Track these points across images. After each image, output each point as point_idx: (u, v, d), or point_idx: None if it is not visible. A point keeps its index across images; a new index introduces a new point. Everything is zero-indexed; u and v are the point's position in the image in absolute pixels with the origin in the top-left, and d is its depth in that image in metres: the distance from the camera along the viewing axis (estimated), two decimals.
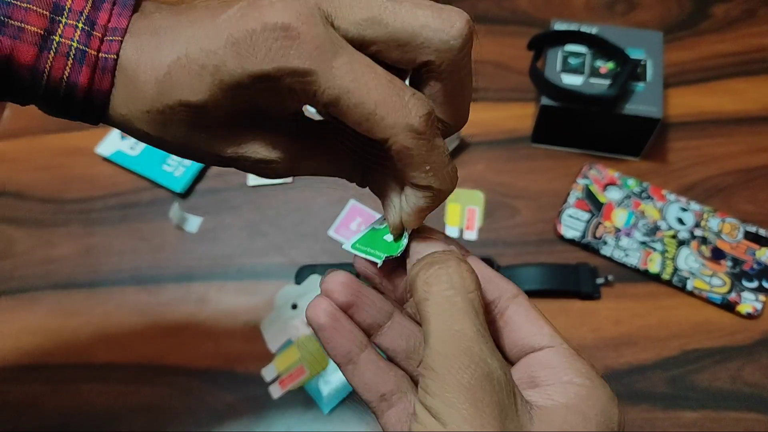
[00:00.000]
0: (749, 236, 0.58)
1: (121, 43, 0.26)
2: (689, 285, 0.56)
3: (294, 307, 0.55)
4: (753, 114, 0.67)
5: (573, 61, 0.62)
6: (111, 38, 0.26)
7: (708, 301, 0.55)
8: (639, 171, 0.63)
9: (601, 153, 0.64)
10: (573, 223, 0.59)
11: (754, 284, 0.56)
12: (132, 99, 0.26)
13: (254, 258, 0.59)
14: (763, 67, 0.70)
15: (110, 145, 0.64)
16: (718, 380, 0.52)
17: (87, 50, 0.26)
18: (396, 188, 0.27)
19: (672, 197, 0.60)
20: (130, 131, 0.27)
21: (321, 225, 0.61)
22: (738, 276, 0.56)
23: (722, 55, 0.71)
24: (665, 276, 0.56)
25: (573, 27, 0.63)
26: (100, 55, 0.26)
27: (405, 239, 0.27)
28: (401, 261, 0.28)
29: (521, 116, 0.66)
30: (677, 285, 0.56)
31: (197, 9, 0.25)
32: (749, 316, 0.55)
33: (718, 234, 0.58)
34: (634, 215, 0.59)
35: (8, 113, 0.69)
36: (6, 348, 0.55)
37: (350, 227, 0.60)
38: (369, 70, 0.23)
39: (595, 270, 0.57)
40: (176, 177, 0.62)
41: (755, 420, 0.51)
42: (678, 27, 0.73)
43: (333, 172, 0.28)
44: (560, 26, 0.64)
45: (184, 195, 0.62)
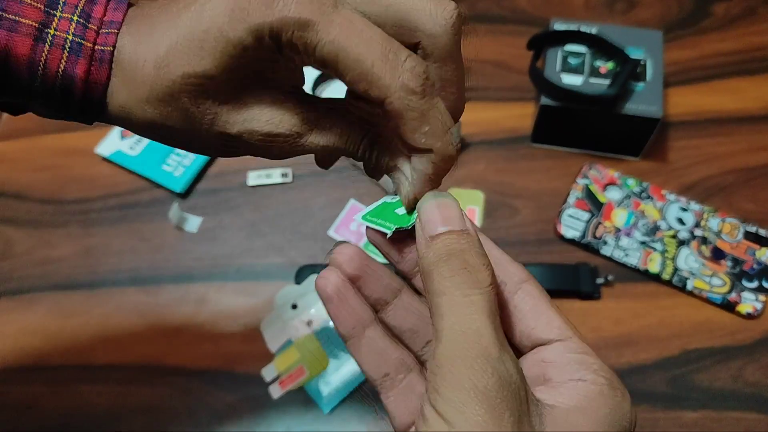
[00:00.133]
0: (749, 236, 0.58)
1: (117, 35, 0.26)
2: (689, 285, 0.56)
3: (294, 307, 0.55)
4: (753, 113, 0.67)
5: (573, 61, 0.62)
6: (107, 31, 0.26)
7: (708, 301, 0.55)
8: (639, 171, 0.63)
9: (601, 153, 0.64)
10: (573, 223, 0.59)
11: (754, 284, 0.56)
12: (132, 86, 0.26)
13: (254, 258, 0.59)
14: (764, 66, 0.70)
15: (110, 145, 0.64)
16: (719, 380, 0.52)
17: (83, 42, 0.26)
18: (404, 161, 0.27)
19: (672, 197, 0.60)
20: (132, 124, 0.27)
21: (320, 225, 0.60)
22: (738, 276, 0.56)
23: (722, 54, 0.70)
24: (665, 276, 0.56)
25: (572, 26, 0.63)
26: (96, 48, 0.26)
27: (417, 213, 0.27)
28: (411, 233, 0.26)
29: (521, 116, 0.66)
30: (677, 285, 0.56)
31: None
32: (749, 316, 0.55)
33: (718, 234, 0.58)
34: (634, 215, 0.59)
35: (7, 113, 0.68)
36: (5, 349, 0.55)
37: (350, 227, 0.60)
38: (367, 28, 0.23)
39: (595, 270, 0.57)
40: (176, 177, 0.62)
41: (756, 420, 0.50)
42: (678, 25, 0.73)
43: (340, 146, 0.28)
44: (560, 26, 0.63)
45: (184, 195, 0.62)
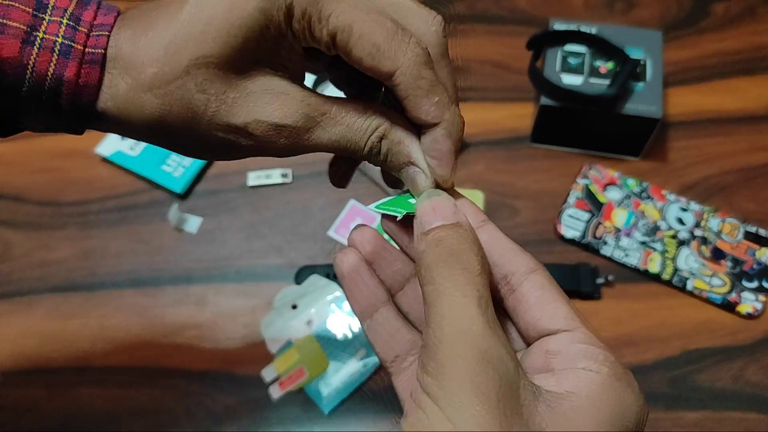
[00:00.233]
0: (749, 236, 0.58)
1: (109, 37, 0.26)
2: (689, 285, 0.56)
3: (294, 308, 0.55)
4: (754, 112, 0.66)
5: (572, 61, 0.62)
6: (98, 33, 0.26)
7: (708, 301, 0.55)
8: (639, 171, 0.62)
9: (601, 153, 0.64)
10: (573, 223, 0.59)
11: (754, 284, 0.56)
12: (134, 75, 0.25)
13: (253, 259, 0.59)
14: (764, 66, 0.70)
15: (110, 146, 0.64)
16: (720, 380, 0.52)
17: (73, 45, 0.25)
18: (416, 149, 0.27)
19: (672, 197, 0.60)
20: (126, 123, 0.26)
21: (320, 226, 0.60)
22: (738, 276, 0.56)
23: (722, 54, 0.70)
24: (665, 276, 0.56)
25: (572, 26, 0.63)
26: (87, 50, 0.25)
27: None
28: None
29: (521, 116, 0.66)
30: (677, 285, 0.56)
31: None
32: (749, 316, 0.54)
33: (718, 234, 0.58)
34: (634, 215, 0.59)
35: None
36: (4, 352, 0.54)
37: (350, 227, 0.60)
38: (374, 11, 0.25)
39: (596, 270, 0.56)
40: (176, 177, 0.62)
41: (757, 420, 0.50)
42: (678, 25, 0.73)
43: (346, 142, 0.27)
44: (559, 26, 0.63)
45: (184, 196, 0.62)
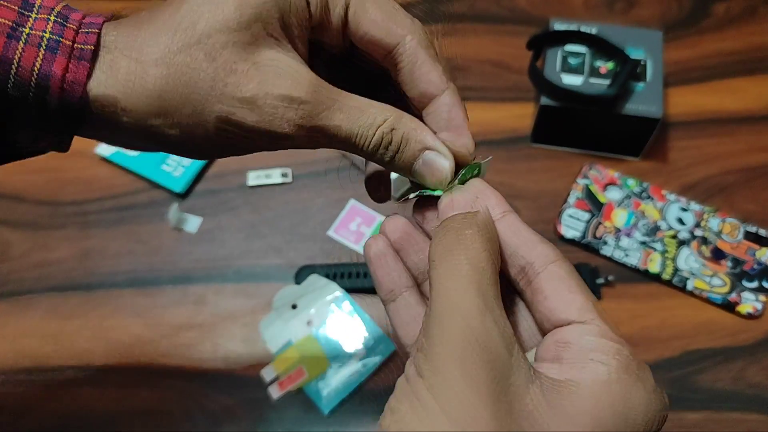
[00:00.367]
0: (749, 236, 0.58)
1: (99, 36, 0.25)
2: (689, 285, 0.55)
3: (294, 308, 0.55)
4: (754, 113, 0.66)
5: (572, 61, 0.62)
6: (87, 30, 0.25)
7: (708, 302, 0.55)
8: (639, 171, 0.62)
9: (601, 153, 0.64)
10: (573, 223, 0.59)
11: (755, 284, 0.55)
12: (136, 58, 0.25)
13: (252, 259, 0.59)
14: (764, 66, 0.69)
15: (110, 146, 0.64)
16: (720, 381, 0.52)
17: (61, 40, 0.24)
18: (428, 135, 0.28)
19: (672, 197, 0.60)
20: (121, 115, 0.25)
21: (320, 226, 0.60)
22: (738, 276, 0.56)
23: (723, 54, 0.70)
24: (665, 276, 0.56)
25: (572, 26, 0.63)
26: (76, 45, 0.24)
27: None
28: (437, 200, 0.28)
29: (521, 116, 0.66)
30: (677, 285, 0.56)
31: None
32: (749, 317, 0.54)
33: (719, 234, 0.58)
34: (635, 215, 0.59)
35: None
36: (3, 351, 0.54)
37: (350, 227, 0.60)
38: None
39: (596, 270, 0.56)
40: (175, 177, 0.62)
41: (757, 420, 0.50)
42: (678, 25, 0.73)
43: (356, 128, 0.26)
44: (560, 26, 0.63)
45: (183, 195, 0.62)
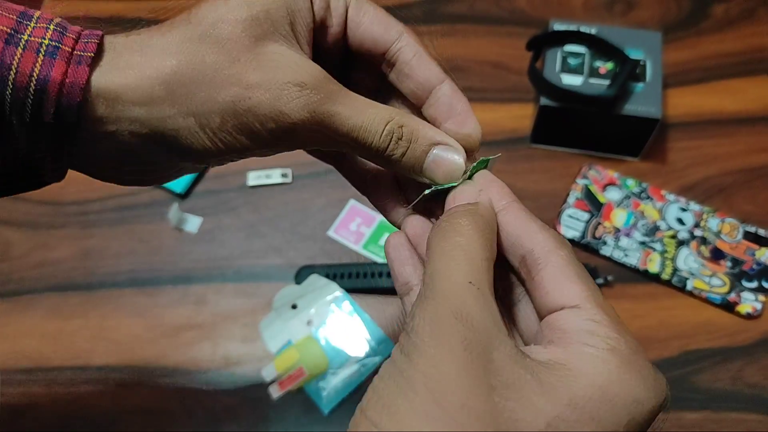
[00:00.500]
0: (749, 236, 0.58)
1: (99, 45, 0.25)
2: (689, 285, 0.56)
3: (294, 307, 0.55)
4: (753, 114, 0.66)
5: (572, 61, 0.62)
6: (87, 40, 0.25)
7: (707, 302, 0.55)
8: (638, 171, 0.62)
9: (601, 153, 0.64)
10: (572, 224, 0.59)
11: (754, 284, 0.56)
12: (145, 52, 0.25)
13: (253, 259, 0.59)
14: (763, 67, 0.70)
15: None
16: (719, 381, 0.52)
17: (60, 46, 0.24)
18: (433, 130, 0.29)
19: (671, 197, 0.60)
20: (121, 127, 0.25)
21: (320, 226, 0.60)
22: (738, 276, 0.56)
23: (722, 55, 0.70)
24: (665, 276, 0.56)
25: (572, 27, 0.63)
26: (75, 52, 0.24)
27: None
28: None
29: (520, 117, 0.66)
30: (677, 285, 0.56)
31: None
32: (749, 317, 0.55)
33: (718, 234, 0.58)
34: (634, 215, 0.59)
35: None
36: (3, 351, 0.54)
37: (350, 227, 0.60)
38: None
39: (595, 270, 0.57)
40: None
41: (756, 421, 0.50)
42: (677, 27, 0.73)
43: (366, 122, 0.27)
44: (559, 26, 0.63)
45: (184, 196, 0.62)
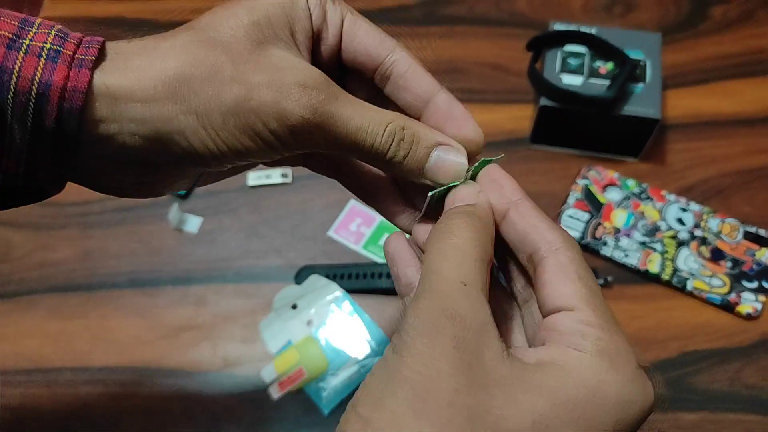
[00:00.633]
0: (749, 237, 0.58)
1: (100, 50, 0.25)
2: (689, 285, 0.56)
3: (294, 308, 0.55)
4: (752, 115, 0.67)
5: (572, 62, 0.62)
6: (88, 45, 0.25)
7: (707, 302, 0.55)
8: (638, 172, 0.63)
9: (600, 154, 0.64)
10: (572, 224, 0.59)
11: (754, 285, 0.56)
12: (142, 59, 0.25)
13: (252, 260, 0.59)
14: (762, 69, 0.70)
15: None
16: (717, 382, 0.52)
17: (62, 50, 0.24)
18: (433, 133, 0.30)
19: (671, 198, 0.60)
20: (118, 126, 0.25)
21: (320, 226, 0.60)
22: (738, 277, 0.56)
23: (721, 57, 0.71)
24: (665, 276, 0.56)
25: (571, 28, 0.63)
26: (77, 56, 0.24)
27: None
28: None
29: (520, 117, 0.66)
30: (677, 285, 0.56)
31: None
32: (749, 317, 0.55)
33: (718, 234, 0.58)
34: (634, 216, 0.59)
35: None
36: (4, 351, 0.54)
37: (350, 228, 0.60)
38: None
39: (595, 271, 0.57)
40: None
41: (754, 421, 0.50)
42: (676, 28, 0.73)
43: (367, 122, 0.27)
44: (559, 27, 0.64)
45: (184, 196, 0.62)
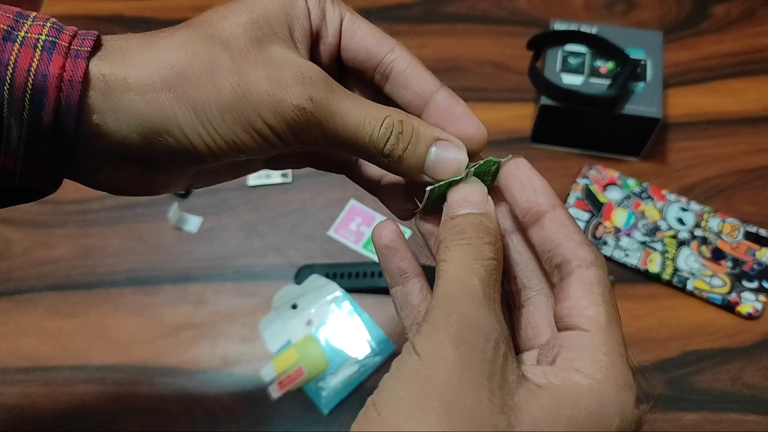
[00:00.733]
0: (749, 236, 0.58)
1: (95, 41, 0.25)
2: (689, 285, 0.56)
3: (294, 307, 0.55)
4: (754, 114, 0.66)
5: (573, 61, 0.62)
6: (83, 37, 0.25)
7: (708, 302, 0.55)
8: (639, 171, 0.62)
9: (601, 153, 0.64)
10: None
11: (755, 284, 0.56)
12: (141, 53, 0.25)
13: (252, 259, 0.59)
14: (764, 68, 0.70)
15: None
16: (718, 382, 0.52)
17: (57, 41, 0.24)
18: (433, 128, 0.29)
19: (672, 197, 0.60)
20: (114, 118, 0.25)
21: (320, 226, 0.60)
22: (738, 276, 0.56)
23: (722, 55, 0.70)
24: (665, 276, 0.56)
25: (572, 27, 0.63)
26: (72, 47, 0.24)
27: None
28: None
29: (521, 116, 0.66)
30: (677, 285, 0.56)
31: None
32: (749, 317, 0.54)
33: (719, 234, 0.58)
34: (634, 215, 0.59)
35: None
36: (2, 350, 0.54)
37: (350, 227, 0.60)
38: None
39: None
40: None
41: (755, 422, 0.50)
42: (678, 27, 0.73)
43: (366, 117, 0.27)
44: (560, 26, 0.63)
45: (184, 195, 0.62)
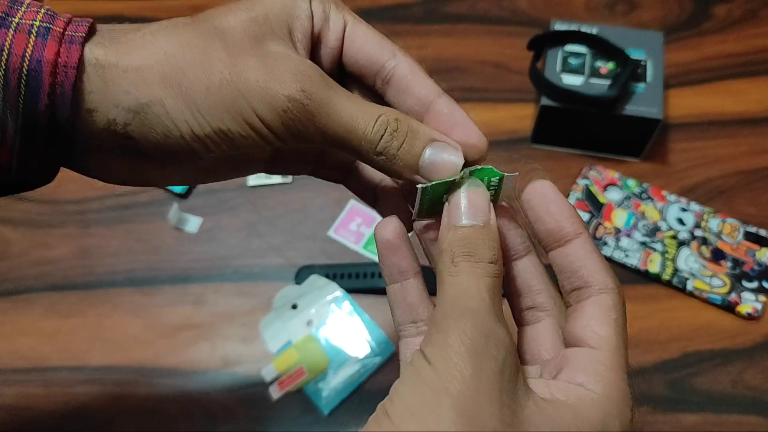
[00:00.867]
0: (749, 237, 0.58)
1: (90, 27, 0.25)
2: (689, 286, 0.55)
3: (294, 307, 0.55)
4: (755, 115, 0.66)
5: (573, 62, 0.62)
6: (78, 23, 0.25)
7: (708, 302, 0.55)
8: (639, 172, 0.62)
9: (602, 154, 0.64)
10: None
11: (755, 285, 0.55)
12: (137, 42, 0.25)
13: (252, 259, 0.59)
14: (766, 68, 0.69)
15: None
16: (719, 383, 0.52)
17: (51, 27, 0.24)
18: (429, 128, 0.29)
19: (672, 198, 0.60)
20: (107, 101, 0.25)
21: (319, 226, 0.60)
22: (738, 277, 0.56)
23: (724, 56, 0.70)
24: (665, 276, 0.56)
25: (573, 27, 0.63)
26: (67, 33, 0.24)
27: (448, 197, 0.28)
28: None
29: (521, 117, 0.66)
30: (677, 286, 0.56)
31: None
32: (749, 317, 0.54)
33: (719, 235, 0.58)
34: (635, 216, 0.59)
35: None
36: (1, 350, 0.54)
37: (350, 228, 0.60)
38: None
39: None
40: None
41: (756, 423, 0.50)
42: (679, 27, 0.73)
43: (362, 116, 0.26)
44: (560, 26, 0.63)
45: (184, 195, 0.62)
